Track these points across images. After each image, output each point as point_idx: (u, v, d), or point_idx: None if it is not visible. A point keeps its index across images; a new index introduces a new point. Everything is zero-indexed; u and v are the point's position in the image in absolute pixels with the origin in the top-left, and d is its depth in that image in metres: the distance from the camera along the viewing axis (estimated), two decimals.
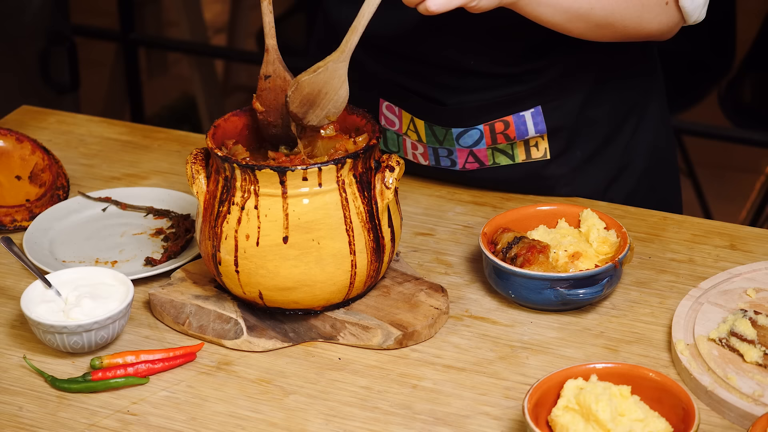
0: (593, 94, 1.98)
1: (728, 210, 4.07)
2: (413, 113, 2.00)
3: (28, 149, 2.12)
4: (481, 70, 1.94)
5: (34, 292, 1.75)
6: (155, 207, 2.05)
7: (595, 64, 1.97)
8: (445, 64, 1.94)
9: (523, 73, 1.94)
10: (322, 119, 1.73)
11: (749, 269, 1.83)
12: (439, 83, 1.96)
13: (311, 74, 1.69)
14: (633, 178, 2.07)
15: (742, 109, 3.84)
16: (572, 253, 1.80)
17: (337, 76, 1.70)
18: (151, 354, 1.69)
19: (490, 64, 1.93)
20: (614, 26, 1.82)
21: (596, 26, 1.81)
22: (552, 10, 1.75)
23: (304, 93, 1.70)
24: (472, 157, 2.01)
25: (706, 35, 3.73)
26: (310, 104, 1.71)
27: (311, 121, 1.73)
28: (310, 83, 1.70)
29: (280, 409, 1.63)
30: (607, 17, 1.80)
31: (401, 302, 1.78)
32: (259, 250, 1.68)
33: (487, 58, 1.92)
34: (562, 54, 1.93)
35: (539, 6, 1.74)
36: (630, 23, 1.83)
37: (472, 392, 1.65)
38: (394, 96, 2.00)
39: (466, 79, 1.95)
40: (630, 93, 2.03)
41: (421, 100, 1.98)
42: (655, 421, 1.51)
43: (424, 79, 1.97)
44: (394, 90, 2.00)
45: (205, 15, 4.70)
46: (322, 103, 1.71)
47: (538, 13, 1.75)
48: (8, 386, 1.68)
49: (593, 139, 2.01)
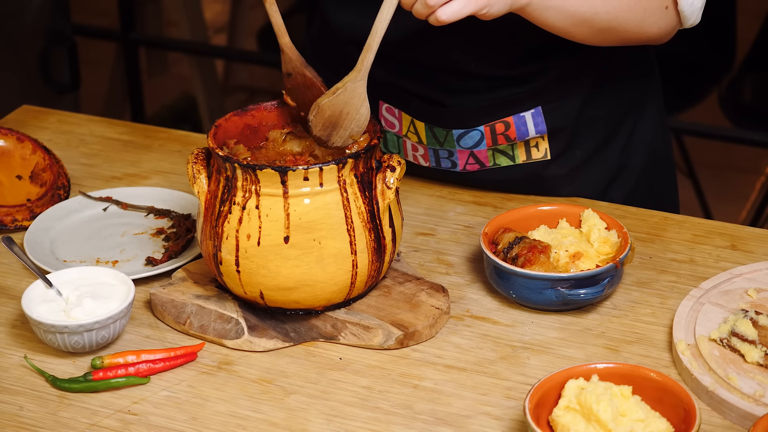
0: (592, 95, 1.99)
1: (728, 210, 4.07)
2: (413, 115, 2.00)
3: (28, 149, 2.12)
4: (480, 73, 1.94)
5: (35, 291, 1.75)
6: (156, 207, 2.05)
7: (593, 68, 1.97)
8: (446, 67, 1.94)
9: (522, 76, 1.94)
10: (346, 139, 1.74)
11: (750, 269, 1.83)
12: (439, 85, 1.96)
13: (331, 96, 1.71)
14: (632, 178, 2.07)
15: (742, 109, 3.85)
16: (573, 253, 1.80)
17: (357, 95, 1.70)
18: (152, 354, 1.69)
19: (490, 67, 1.93)
20: (616, 31, 1.83)
21: (599, 31, 1.82)
22: (558, 15, 1.77)
23: (325, 116, 1.71)
24: (473, 159, 2.01)
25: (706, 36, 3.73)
26: (333, 126, 1.72)
27: (336, 143, 1.74)
28: (331, 105, 1.71)
29: (281, 409, 1.63)
30: (610, 22, 1.81)
31: (402, 302, 1.78)
32: (260, 250, 1.68)
33: (487, 61, 1.92)
34: (561, 58, 1.93)
35: (546, 11, 1.75)
36: (631, 28, 1.84)
37: (473, 392, 1.65)
38: (394, 98, 2.00)
39: (466, 81, 1.95)
40: (628, 94, 2.04)
41: (422, 102, 1.98)
42: (656, 421, 1.51)
43: (424, 81, 1.97)
44: (394, 92, 2.00)
45: (205, 15, 4.69)
46: (345, 123, 1.72)
47: (545, 17, 1.76)
48: (9, 386, 1.68)
49: (593, 140, 2.02)
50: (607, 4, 1.79)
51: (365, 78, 1.70)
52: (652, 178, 2.11)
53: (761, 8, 3.95)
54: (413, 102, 1.99)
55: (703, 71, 3.83)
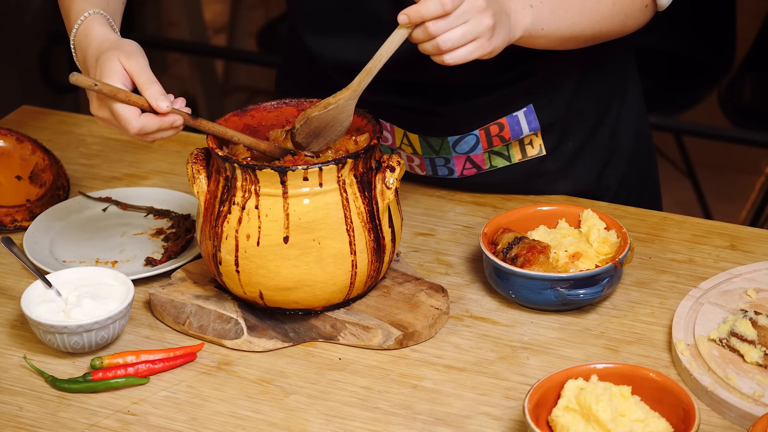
0: (579, 85, 2.02)
1: (728, 210, 4.07)
2: (405, 128, 2.01)
3: (28, 149, 2.12)
4: (470, 82, 1.95)
5: (35, 292, 1.75)
6: (155, 207, 2.05)
7: (578, 59, 1.99)
8: (435, 81, 1.95)
9: (511, 77, 1.95)
10: (323, 146, 1.76)
11: (749, 269, 1.83)
12: (429, 96, 1.97)
13: (321, 111, 1.71)
14: (623, 161, 2.10)
15: (742, 109, 3.84)
16: (572, 253, 1.80)
17: (345, 112, 1.72)
18: (151, 354, 1.69)
19: (479, 76, 1.93)
20: (601, 38, 1.90)
21: (584, 42, 1.88)
22: (547, 40, 1.82)
23: (311, 127, 1.73)
24: (470, 163, 2.01)
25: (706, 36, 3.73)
26: (315, 136, 1.74)
27: (312, 149, 1.76)
28: (319, 119, 1.72)
29: (281, 409, 1.63)
30: (595, 34, 1.87)
31: (401, 302, 1.78)
32: (260, 250, 1.68)
33: (475, 71, 1.92)
34: (548, 54, 1.95)
35: (536, 39, 1.80)
36: (615, 32, 1.90)
37: (472, 392, 1.65)
38: (384, 113, 2.00)
39: (457, 89, 1.96)
40: (611, 78, 2.07)
41: (413, 114, 1.99)
42: (656, 421, 1.51)
43: (414, 96, 1.97)
44: (384, 108, 1.99)
45: (205, 15, 4.69)
46: (327, 134, 1.74)
47: (535, 44, 1.81)
48: (8, 386, 1.68)
49: (583, 129, 2.04)
50: (591, 20, 1.84)
51: (357, 97, 1.72)
52: (641, 159, 2.14)
53: (761, 8, 3.95)
54: (404, 115, 1.99)
55: (702, 71, 3.83)
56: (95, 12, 1.79)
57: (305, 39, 1.96)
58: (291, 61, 2.15)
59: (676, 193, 4.02)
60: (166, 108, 1.67)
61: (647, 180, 2.17)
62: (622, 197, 2.08)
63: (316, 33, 1.94)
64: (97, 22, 1.78)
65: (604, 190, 2.08)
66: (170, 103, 1.68)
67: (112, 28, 1.80)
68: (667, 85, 2.28)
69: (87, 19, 1.78)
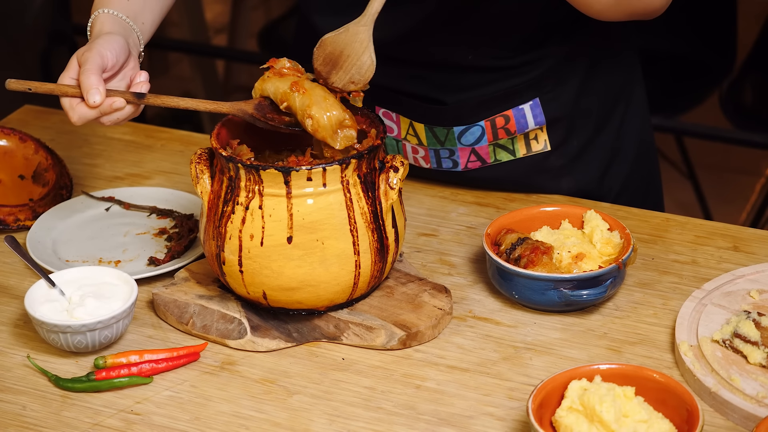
0: (586, 83, 2.02)
1: (728, 212, 4.07)
2: (412, 117, 2.01)
3: (31, 149, 2.12)
4: (478, 65, 1.95)
5: (38, 291, 1.75)
6: (158, 207, 2.05)
7: (585, 56, 1.99)
8: (443, 63, 1.95)
9: (519, 66, 1.96)
10: (346, 83, 1.73)
11: (752, 271, 1.83)
12: (437, 84, 1.97)
13: (334, 33, 1.72)
14: (626, 163, 2.10)
15: (743, 110, 3.85)
16: (576, 254, 1.80)
17: (358, 41, 1.70)
18: (154, 354, 1.69)
19: (488, 58, 1.94)
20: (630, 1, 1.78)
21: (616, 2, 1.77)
22: None
23: (327, 51, 1.72)
24: (474, 156, 2.01)
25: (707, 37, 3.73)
26: (333, 64, 1.72)
27: (335, 83, 1.73)
28: (332, 42, 1.71)
29: (284, 409, 1.64)
30: None
31: (405, 303, 1.78)
32: (263, 250, 1.68)
33: (485, 52, 1.93)
34: (555, 44, 1.95)
35: None
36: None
37: (475, 393, 1.65)
38: (391, 102, 2.00)
39: (463, 76, 1.96)
40: (617, 81, 2.07)
41: (420, 102, 1.99)
42: (659, 422, 1.51)
43: (421, 81, 1.97)
44: (390, 96, 2.00)
45: (205, 15, 4.69)
46: (345, 65, 1.72)
47: None
48: (12, 385, 1.68)
49: (587, 128, 2.04)
50: None
51: (370, 25, 1.70)
52: (644, 163, 2.14)
53: (762, 10, 3.95)
54: (411, 104, 1.99)
55: (704, 73, 3.84)
56: (103, 11, 1.86)
57: (316, 20, 1.96)
58: (304, 47, 2.14)
59: (676, 195, 4.02)
60: (93, 102, 1.73)
61: (650, 186, 2.18)
62: (624, 200, 2.08)
63: (327, 12, 1.94)
64: (99, 21, 1.85)
65: (607, 191, 2.08)
66: (102, 95, 1.73)
67: (118, 25, 1.84)
68: (669, 86, 2.29)
69: (95, 18, 1.86)
